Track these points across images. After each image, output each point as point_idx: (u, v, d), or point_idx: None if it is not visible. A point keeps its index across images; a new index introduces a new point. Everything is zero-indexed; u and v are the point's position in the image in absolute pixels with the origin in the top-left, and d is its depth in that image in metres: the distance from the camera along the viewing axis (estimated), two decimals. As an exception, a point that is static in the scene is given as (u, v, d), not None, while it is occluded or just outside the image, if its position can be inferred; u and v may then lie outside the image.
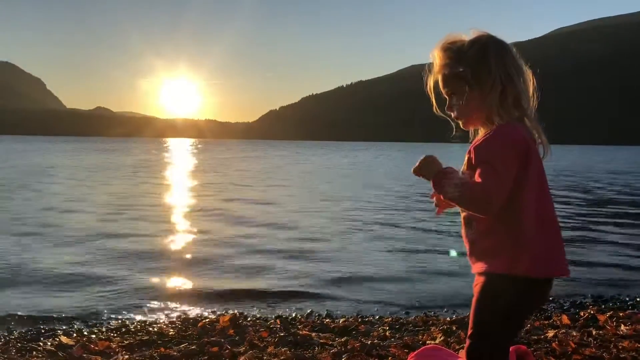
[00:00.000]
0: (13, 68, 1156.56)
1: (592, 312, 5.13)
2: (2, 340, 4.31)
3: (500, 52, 2.01)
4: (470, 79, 1.99)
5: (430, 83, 2.14)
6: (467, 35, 2.06)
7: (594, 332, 4.23)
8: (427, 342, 4.00)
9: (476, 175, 1.91)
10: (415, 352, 2.79)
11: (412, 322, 4.91)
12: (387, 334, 4.39)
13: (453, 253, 3.13)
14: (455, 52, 2.03)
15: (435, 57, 2.09)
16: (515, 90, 2.00)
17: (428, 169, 2.02)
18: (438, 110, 2.20)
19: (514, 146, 1.92)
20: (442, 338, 4.14)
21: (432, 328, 4.57)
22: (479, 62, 1.98)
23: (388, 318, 5.11)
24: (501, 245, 2.00)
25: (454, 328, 4.53)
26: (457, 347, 3.75)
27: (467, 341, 2.13)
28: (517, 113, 2.01)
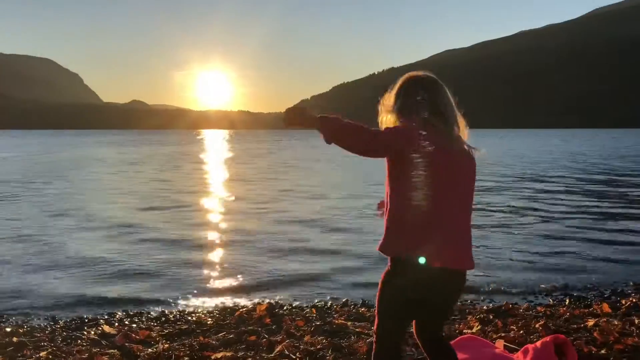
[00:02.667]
0: (52, 64, 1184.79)
1: (634, 300, 5.01)
2: (49, 329, 4.46)
3: None
4: None
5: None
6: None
7: (636, 321, 4.13)
8: (464, 330, 3.97)
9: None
10: (451, 342, 2.77)
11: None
12: (423, 323, 4.37)
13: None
14: None
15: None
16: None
17: (302, 116, 2.18)
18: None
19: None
20: (478, 327, 4.11)
21: (469, 317, 4.54)
22: None
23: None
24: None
25: (491, 317, 4.48)
26: (495, 335, 3.72)
27: None
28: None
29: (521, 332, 3.86)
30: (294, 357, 3.31)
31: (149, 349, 3.60)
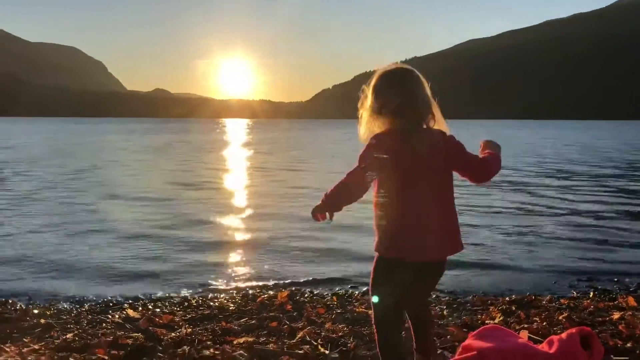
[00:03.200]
0: (77, 52, 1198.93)
1: (661, 294, 4.93)
2: (74, 312, 4.55)
3: None
4: None
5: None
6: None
7: (663, 315, 4.06)
8: (486, 321, 3.95)
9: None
10: (475, 332, 2.75)
11: (470, 301, 4.85)
12: (445, 313, 4.36)
13: None
14: None
15: None
16: None
17: (316, 211, 2.58)
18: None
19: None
20: (501, 318, 4.08)
21: (491, 308, 4.50)
22: None
23: (445, 297, 5.07)
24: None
25: (514, 308, 4.45)
26: (517, 327, 3.69)
27: None
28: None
29: (544, 323, 3.82)
30: (316, 343, 3.33)
31: (172, 333, 3.65)
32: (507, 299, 4.90)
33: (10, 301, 4.95)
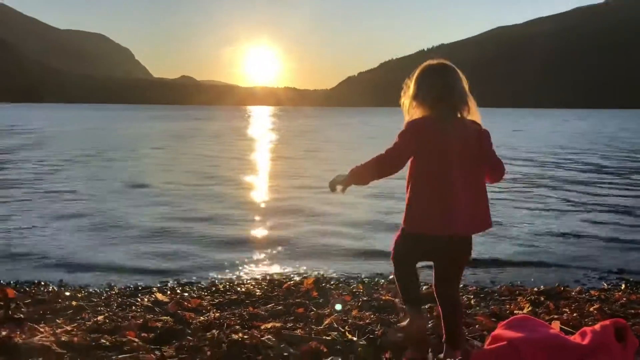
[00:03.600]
0: (105, 39, 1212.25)
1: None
2: (105, 295, 4.64)
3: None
4: None
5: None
6: None
7: (698, 308, 3.97)
8: (515, 312, 3.90)
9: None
10: (504, 321, 2.72)
11: (498, 291, 4.81)
12: (472, 302, 4.33)
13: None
14: None
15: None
16: None
17: (336, 182, 2.78)
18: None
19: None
20: (529, 308, 4.03)
21: (519, 298, 4.45)
22: None
23: (472, 287, 5.03)
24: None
25: (542, 299, 4.39)
26: (547, 317, 3.63)
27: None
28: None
29: (575, 314, 3.77)
30: (343, 330, 3.33)
31: (201, 317, 3.69)
32: (535, 289, 4.85)
33: (42, 283, 5.08)
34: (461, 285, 5.04)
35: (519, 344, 2.39)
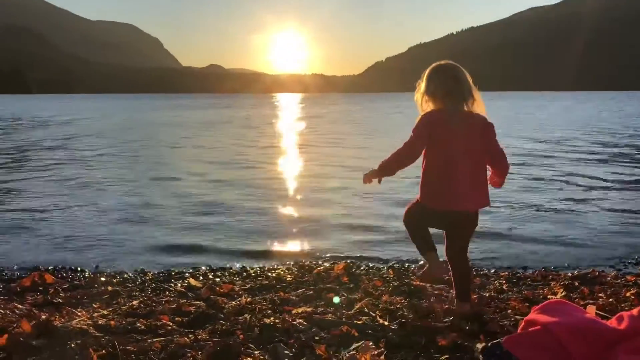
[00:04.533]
0: (134, 29, 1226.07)
1: None
2: (139, 280, 4.73)
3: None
4: None
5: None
6: None
7: None
8: (548, 296, 3.85)
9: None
10: (539, 306, 2.68)
11: (530, 276, 4.75)
12: (505, 287, 4.28)
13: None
14: None
15: None
16: None
17: (368, 176, 3.24)
18: None
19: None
20: (563, 293, 3.97)
21: (552, 283, 4.39)
22: None
23: (504, 272, 4.98)
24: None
25: (576, 284, 4.32)
26: (581, 302, 3.58)
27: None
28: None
29: (611, 300, 3.70)
30: (374, 314, 3.34)
31: (233, 302, 3.74)
32: (569, 274, 4.78)
33: (79, 269, 5.21)
34: (492, 271, 5.02)
35: (554, 327, 2.36)
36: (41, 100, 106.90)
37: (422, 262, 3.96)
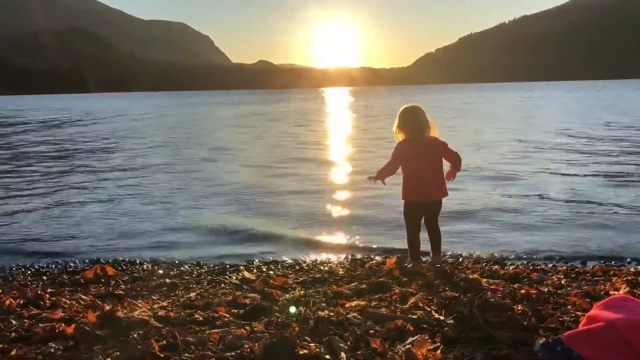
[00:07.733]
0: (186, 28, 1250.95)
1: None
2: (195, 273, 4.85)
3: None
4: None
5: None
6: None
7: None
8: (610, 292, 3.71)
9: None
10: (601, 302, 2.59)
11: (590, 271, 4.59)
12: (563, 282, 4.16)
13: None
14: None
15: None
16: None
17: (374, 178, 4.61)
18: None
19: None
20: (626, 289, 3.82)
21: (614, 279, 4.24)
22: None
23: (562, 267, 4.84)
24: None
25: (640, 280, 4.15)
26: (647, 299, 3.43)
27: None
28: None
29: (678, 296, 3.53)
30: (429, 309, 3.31)
31: (287, 295, 3.78)
32: (632, 269, 4.60)
33: (138, 262, 5.39)
34: (550, 265, 4.89)
35: (618, 325, 2.27)
36: (105, 99, 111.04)
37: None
